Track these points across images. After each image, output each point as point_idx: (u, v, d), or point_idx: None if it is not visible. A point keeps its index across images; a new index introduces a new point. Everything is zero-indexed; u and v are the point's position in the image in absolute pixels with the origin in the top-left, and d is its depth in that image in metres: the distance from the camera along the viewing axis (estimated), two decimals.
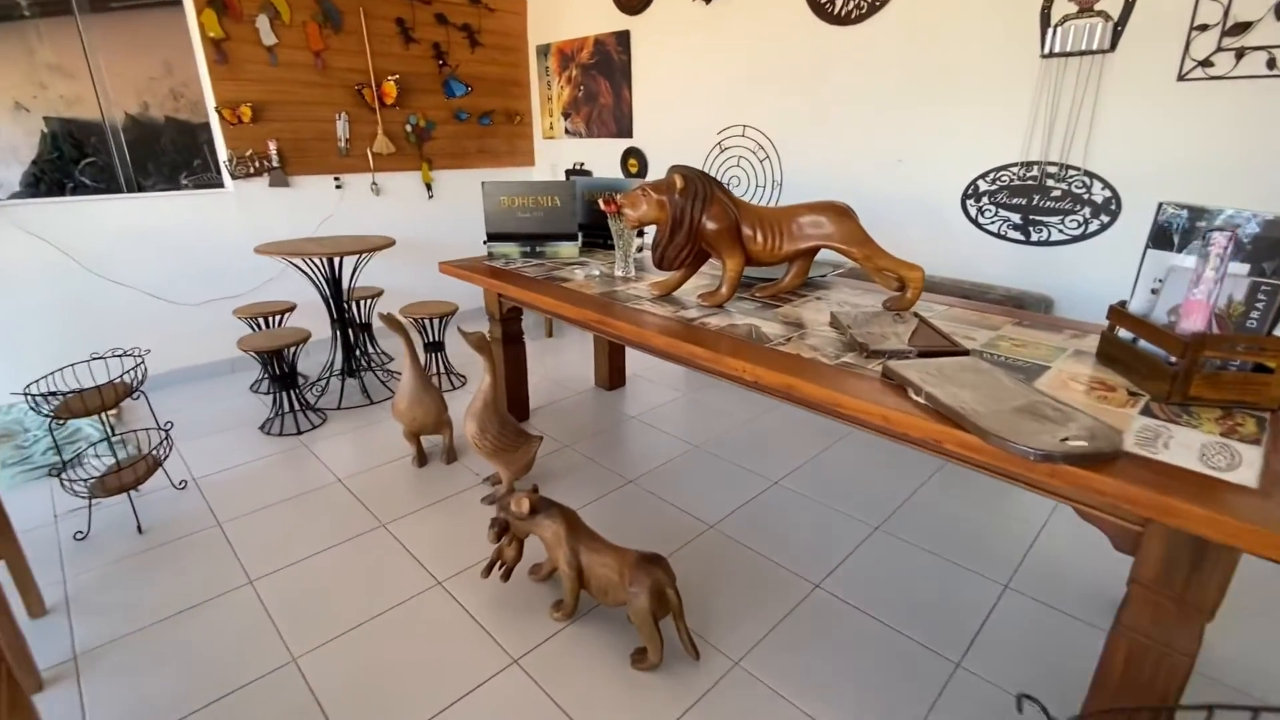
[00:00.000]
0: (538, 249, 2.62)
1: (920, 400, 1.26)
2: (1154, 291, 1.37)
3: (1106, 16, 2.07)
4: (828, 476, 2.35)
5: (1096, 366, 1.41)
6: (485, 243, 2.59)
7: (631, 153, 3.80)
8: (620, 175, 3.91)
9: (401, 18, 3.62)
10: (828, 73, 2.81)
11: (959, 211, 2.56)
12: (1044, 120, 2.27)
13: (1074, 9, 2.13)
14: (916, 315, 1.74)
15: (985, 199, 2.48)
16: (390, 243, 2.98)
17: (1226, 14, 1.88)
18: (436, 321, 3.17)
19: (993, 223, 2.48)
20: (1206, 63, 1.94)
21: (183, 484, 2.37)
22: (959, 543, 1.98)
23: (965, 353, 1.47)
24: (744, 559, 1.93)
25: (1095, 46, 2.10)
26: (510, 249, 2.61)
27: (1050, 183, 2.31)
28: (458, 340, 3.91)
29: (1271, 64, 1.84)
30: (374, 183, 3.73)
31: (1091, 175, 2.21)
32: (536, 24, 4.16)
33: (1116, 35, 2.07)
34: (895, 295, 1.93)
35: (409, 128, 3.78)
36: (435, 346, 3.21)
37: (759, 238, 1.88)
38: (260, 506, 2.22)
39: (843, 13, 2.68)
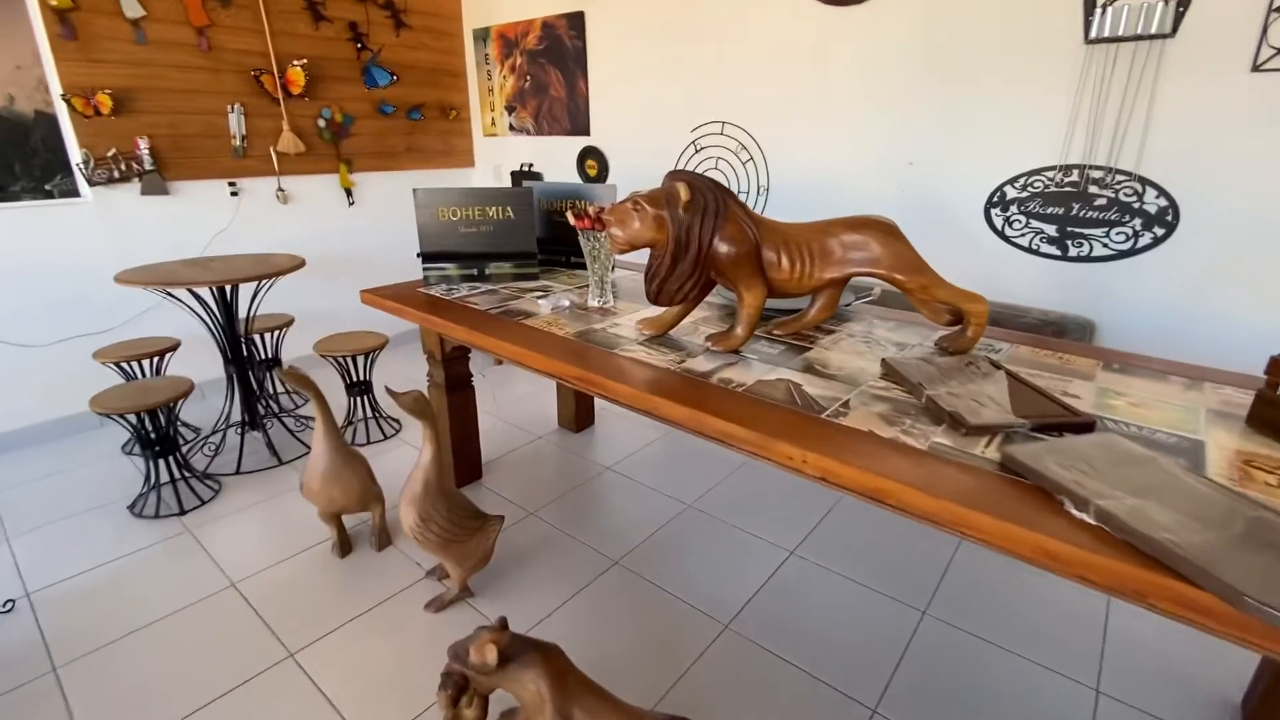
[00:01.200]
0: (486, 270, 2.12)
1: (1088, 519, 0.85)
2: None
3: None
4: (853, 539, 1.96)
5: (1257, 438, 1.06)
6: (421, 263, 2.07)
7: (589, 153, 3.32)
8: (578, 179, 3.43)
9: None
10: (824, 60, 2.42)
11: (982, 222, 2.22)
12: (1088, 117, 1.95)
13: None
14: (991, 362, 1.36)
15: (1014, 208, 2.15)
16: (299, 264, 2.40)
17: None
18: (362, 359, 2.60)
19: (1023, 235, 2.15)
20: None
21: (8, 605, 1.74)
22: (1038, 644, 1.62)
23: (1091, 424, 1.09)
24: (778, 676, 1.50)
25: (1153, 30, 1.78)
26: (452, 270, 2.10)
27: (1094, 189, 1.99)
28: (392, 374, 3.33)
29: None
30: (280, 188, 3.11)
31: (1144, 181, 1.90)
32: (473, 4, 3.62)
33: (1178, 18, 1.75)
34: (949, 333, 1.54)
35: (322, 123, 3.17)
36: (360, 388, 2.64)
37: (785, 264, 1.45)
38: (118, 636, 1.63)
39: None
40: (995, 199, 2.17)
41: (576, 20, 3.12)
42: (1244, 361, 1.87)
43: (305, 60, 3.00)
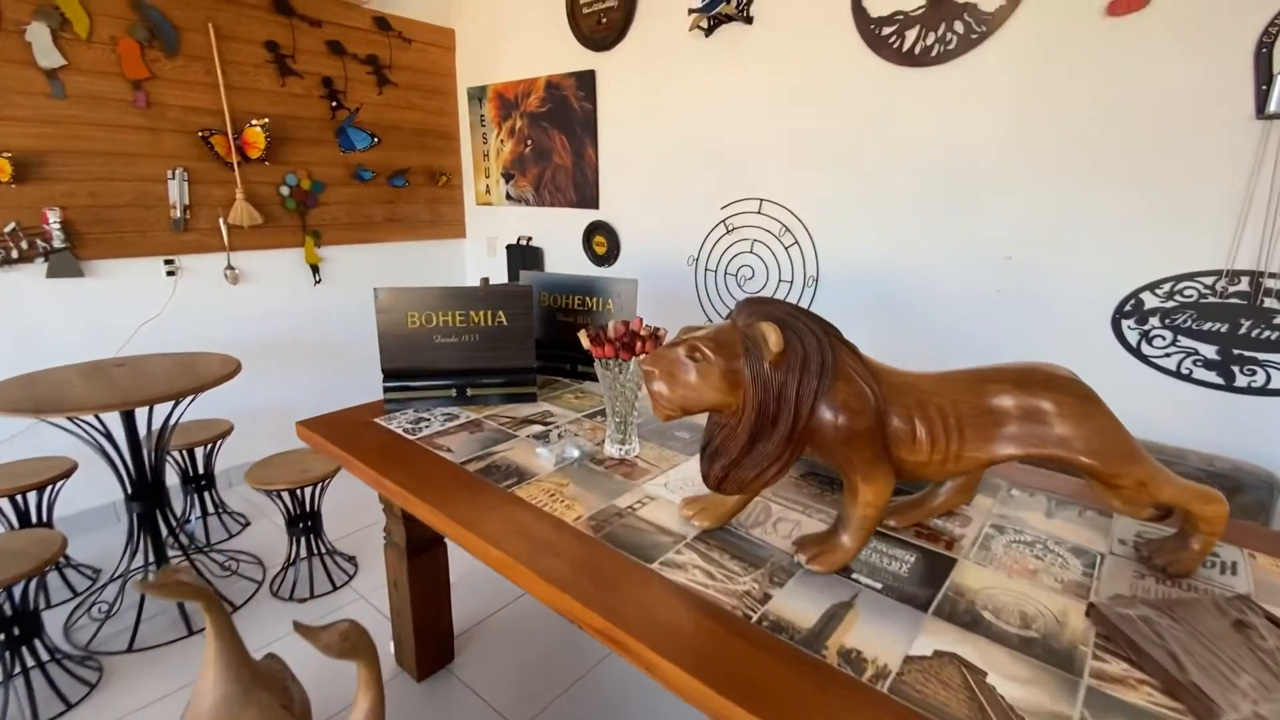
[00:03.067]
0: (469, 392, 1.60)
1: None
2: None
3: None
4: None
5: None
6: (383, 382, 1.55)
7: (598, 228, 2.86)
8: (584, 256, 2.96)
9: (275, 41, 2.60)
10: (892, 128, 1.98)
11: (1109, 335, 1.73)
12: (1265, 212, 1.48)
13: None
14: (1270, 618, 0.84)
15: (1155, 319, 1.66)
16: (231, 372, 1.87)
17: None
18: (312, 490, 2.04)
19: (1167, 354, 1.66)
20: None
21: None
22: None
23: None
24: None
25: None
26: (424, 392, 1.58)
27: (1272, 303, 1.51)
28: (352, 495, 2.75)
29: None
30: (230, 266, 2.61)
31: None
32: (469, 60, 3.23)
33: None
34: (1163, 542, 1.02)
35: (286, 190, 2.71)
36: (305, 522, 2.07)
37: (922, 438, 0.94)
38: None
39: (917, 49, 1.87)
40: (1128, 308, 1.69)
41: (586, 80, 2.72)
42: None
43: (267, 119, 2.56)
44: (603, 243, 2.85)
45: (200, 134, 2.44)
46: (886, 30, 1.90)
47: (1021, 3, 1.69)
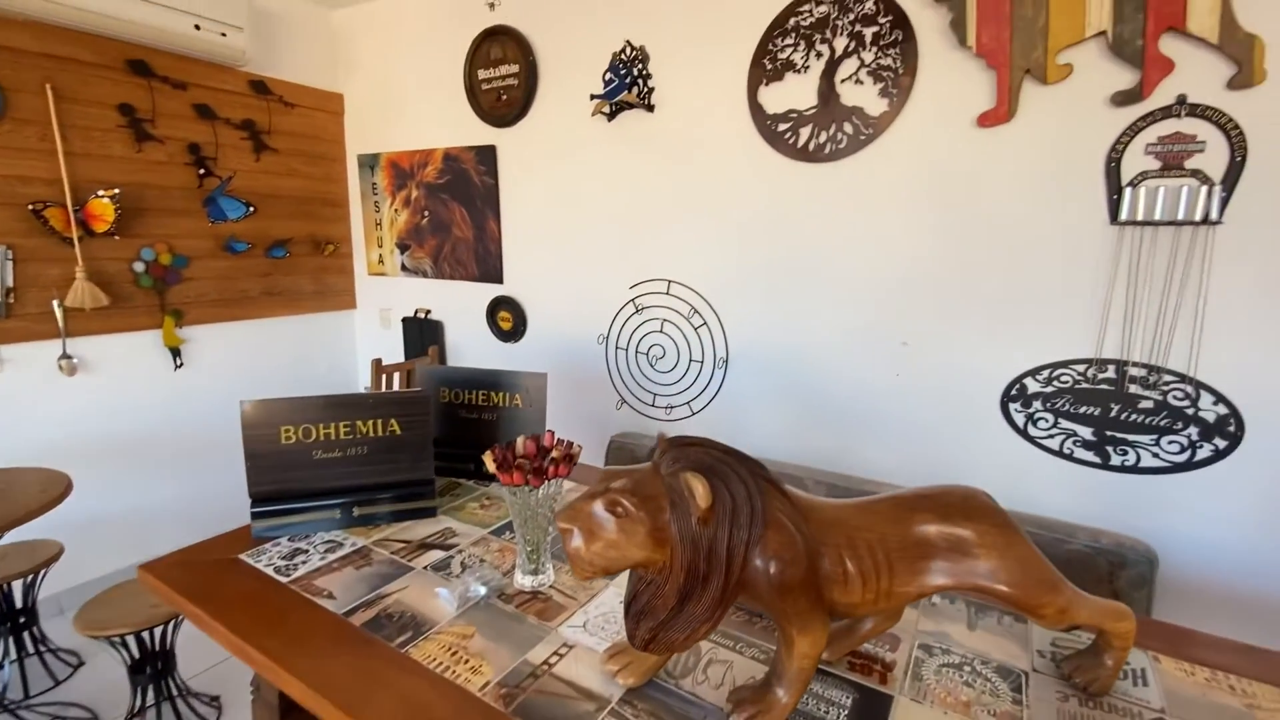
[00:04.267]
0: (358, 512, 1.42)
1: None
2: None
3: (1204, 178, 1.51)
4: None
5: None
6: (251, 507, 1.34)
7: (503, 304, 2.75)
8: (487, 330, 2.82)
9: (131, 105, 2.33)
10: (792, 220, 2.05)
11: (999, 417, 1.83)
12: (1123, 308, 1.63)
13: (1155, 164, 1.55)
14: None
15: (1037, 404, 1.77)
16: (54, 499, 1.57)
17: None
18: (164, 629, 1.72)
19: (1051, 436, 1.77)
20: None
21: None
22: None
23: None
24: None
25: (1196, 216, 1.52)
26: (301, 516, 1.38)
27: (1136, 390, 1.65)
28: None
29: None
30: (65, 354, 2.25)
31: (1198, 385, 1.58)
32: (360, 127, 3.07)
33: (1224, 202, 1.50)
34: (1080, 658, 1.03)
35: (141, 266, 2.40)
36: (154, 664, 1.74)
37: (853, 576, 0.89)
38: None
39: (811, 146, 1.96)
40: (1014, 392, 1.80)
41: (487, 154, 2.65)
42: None
43: (118, 190, 2.27)
44: (508, 318, 2.74)
45: (30, 206, 2.11)
46: (782, 127, 1.98)
47: (904, 110, 1.81)
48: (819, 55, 1.89)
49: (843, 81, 1.87)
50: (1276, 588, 1.58)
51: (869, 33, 1.81)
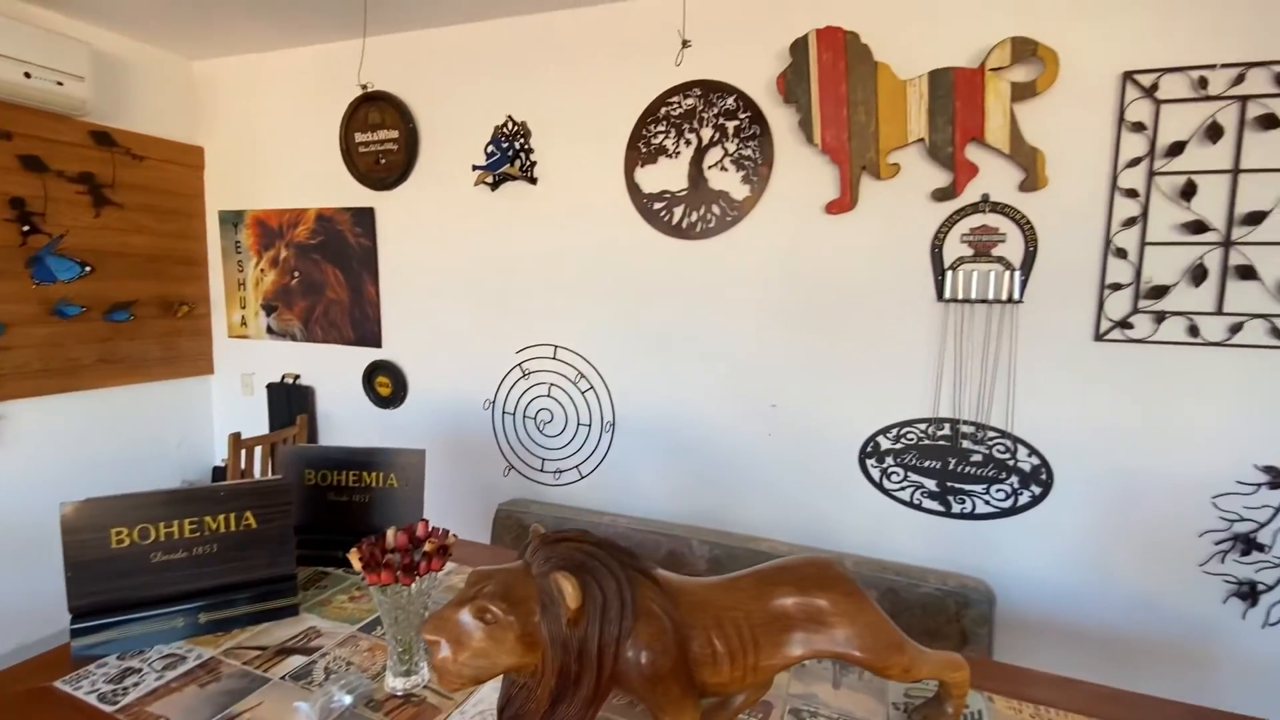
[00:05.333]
0: (205, 618, 1.28)
1: None
2: None
3: (1007, 264, 1.78)
4: None
5: None
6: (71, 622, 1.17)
7: (381, 368, 2.64)
8: (364, 396, 2.69)
9: None
10: (669, 291, 2.16)
11: (858, 472, 1.99)
12: (953, 373, 1.86)
13: (969, 251, 1.81)
14: None
15: (890, 459, 1.96)
16: None
17: (1139, 274, 1.68)
18: None
19: (903, 488, 1.95)
20: (1125, 324, 1.70)
21: None
22: None
23: None
24: None
25: (1003, 296, 1.78)
26: (138, 628, 1.23)
27: (967, 445, 1.87)
28: None
29: (1194, 331, 1.65)
30: None
31: (1015, 439, 1.82)
32: (222, 182, 2.89)
33: (1023, 285, 1.77)
34: (925, 707, 1.13)
35: None
36: None
37: (721, 655, 0.93)
38: None
39: (684, 224, 2.10)
40: (869, 449, 1.97)
41: (364, 217, 2.58)
42: (1133, 626, 1.77)
43: None
44: (386, 383, 2.63)
45: None
46: (657, 205, 2.11)
47: (764, 195, 2.00)
48: (688, 142, 2.05)
49: (710, 167, 2.04)
50: (1094, 615, 1.82)
51: (731, 125, 1.99)
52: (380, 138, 2.50)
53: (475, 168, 2.28)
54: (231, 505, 1.30)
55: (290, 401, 2.81)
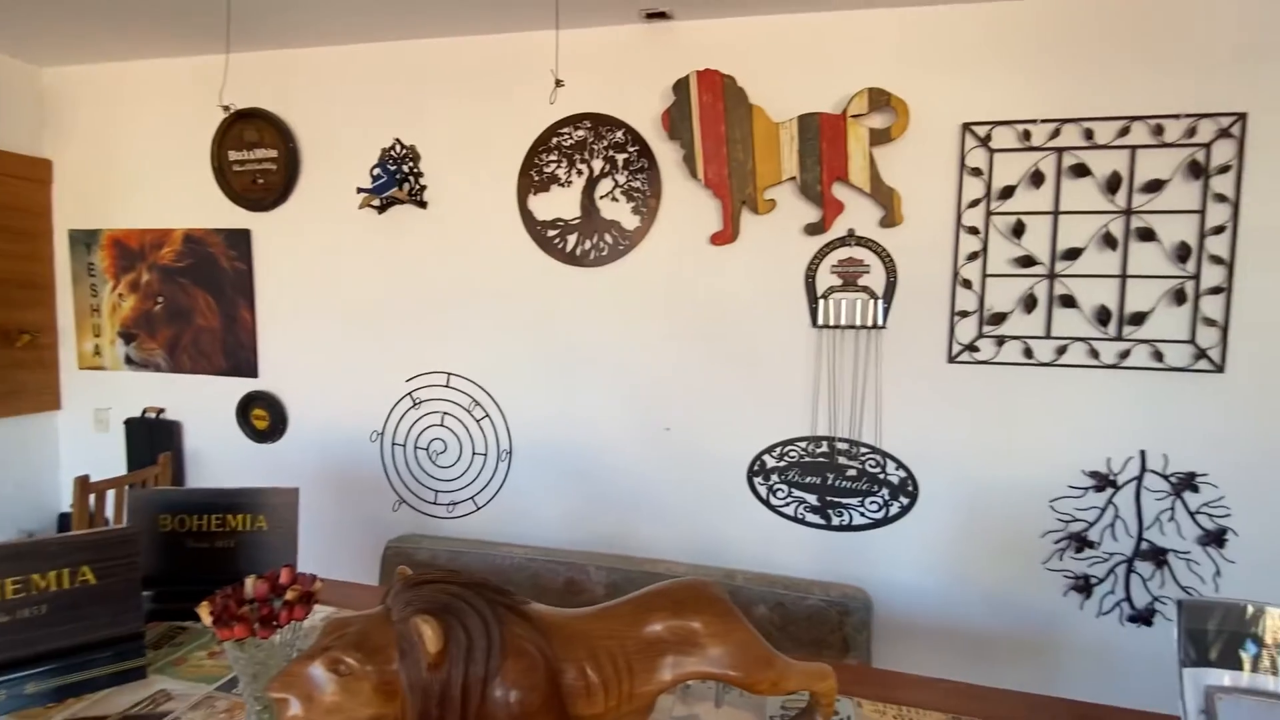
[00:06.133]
0: (32, 688, 1.14)
1: None
2: None
3: (872, 293, 1.94)
4: None
5: None
6: None
7: (257, 399, 2.47)
8: (239, 432, 2.50)
9: None
10: (565, 317, 2.18)
11: (747, 491, 2.08)
12: (827, 393, 1.99)
13: (838, 281, 1.95)
14: None
15: (775, 476, 2.05)
16: None
17: (982, 303, 1.87)
18: None
19: (787, 504, 2.05)
20: (972, 347, 1.89)
21: None
22: None
23: None
24: None
25: (869, 323, 1.93)
26: None
27: (843, 460, 2.00)
28: None
29: (1028, 353, 1.86)
30: None
31: (884, 454, 1.97)
32: (74, 199, 2.63)
33: (885, 312, 1.93)
34: (797, 718, 1.19)
35: None
36: None
37: (596, 686, 0.94)
38: None
39: (578, 252, 2.13)
40: (756, 467, 2.06)
41: (239, 238, 2.43)
42: (991, 623, 1.94)
43: None
44: (263, 416, 2.47)
45: None
46: (551, 233, 2.13)
47: (654, 226, 2.07)
48: (580, 172, 2.09)
49: (601, 197, 2.09)
50: (958, 615, 1.98)
51: (621, 158, 2.06)
52: (258, 156, 2.37)
53: (360, 190, 2.21)
54: (64, 560, 1.18)
55: (153, 438, 2.56)
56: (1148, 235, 1.77)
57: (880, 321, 1.92)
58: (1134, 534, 1.81)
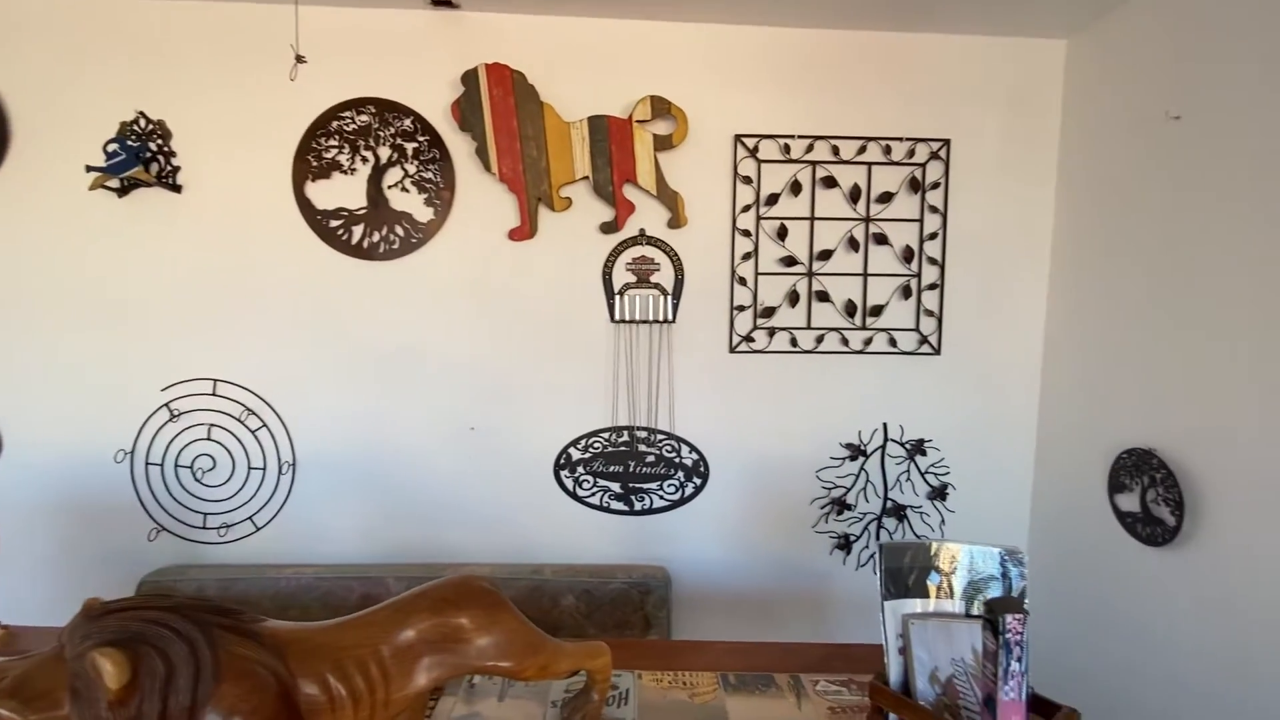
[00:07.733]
0: None
1: None
2: (901, 651, 1.11)
3: (663, 290, 2.05)
4: None
5: None
6: None
7: None
8: None
9: None
10: (353, 314, 2.03)
11: (554, 485, 2.10)
12: (626, 384, 2.07)
13: (633, 278, 2.05)
14: None
15: (581, 468, 2.10)
16: None
17: (755, 298, 2.07)
18: None
19: (593, 494, 2.11)
20: (749, 338, 2.08)
21: None
22: None
23: None
24: None
25: (660, 317, 2.04)
26: None
27: (643, 448, 2.10)
28: None
29: (794, 342, 2.08)
30: None
31: (679, 439, 2.10)
32: None
33: (675, 308, 2.06)
34: (575, 698, 1.23)
35: None
36: None
37: (342, 700, 0.90)
38: None
39: (365, 245, 1.99)
40: (562, 461, 2.09)
41: None
42: (775, 585, 2.17)
43: None
44: None
45: None
46: (334, 223, 1.98)
47: (448, 219, 2.01)
48: (365, 160, 1.97)
49: (390, 187, 1.98)
50: (748, 582, 2.17)
51: (410, 147, 1.97)
52: None
53: (90, 169, 1.88)
54: None
55: None
56: (882, 239, 2.07)
57: (670, 316, 2.05)
58: (881, 495, 2.12)
